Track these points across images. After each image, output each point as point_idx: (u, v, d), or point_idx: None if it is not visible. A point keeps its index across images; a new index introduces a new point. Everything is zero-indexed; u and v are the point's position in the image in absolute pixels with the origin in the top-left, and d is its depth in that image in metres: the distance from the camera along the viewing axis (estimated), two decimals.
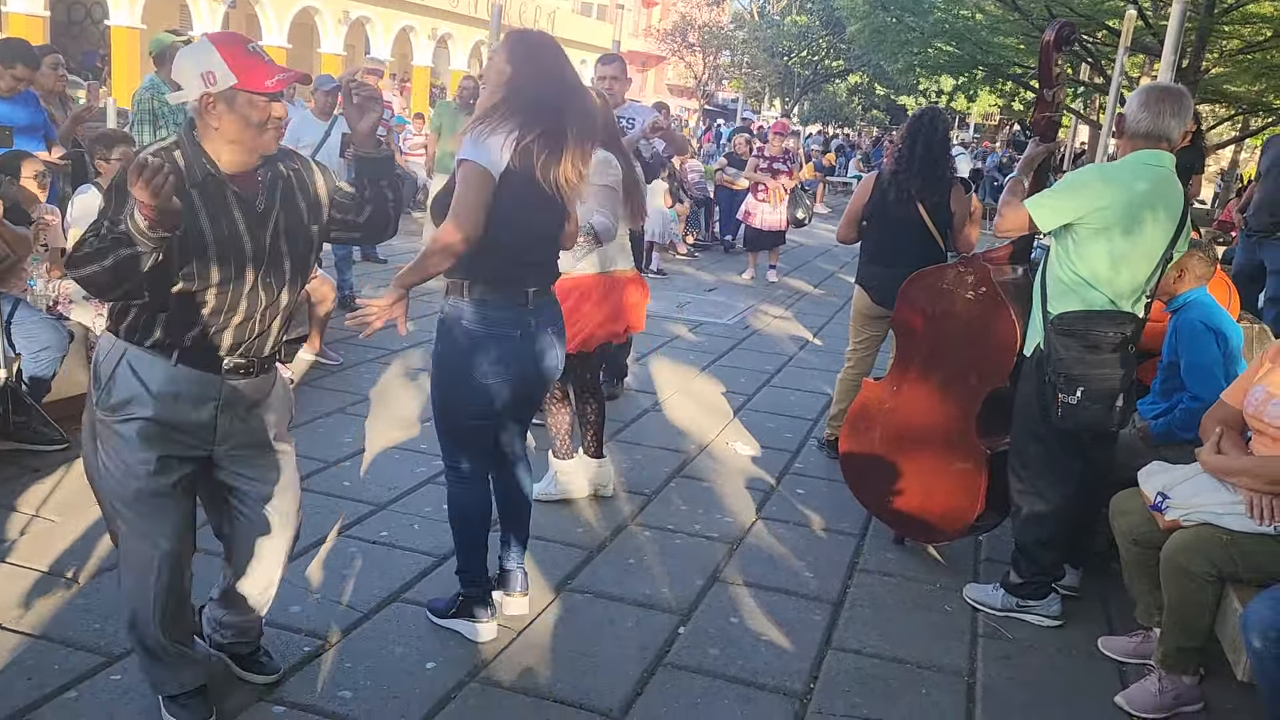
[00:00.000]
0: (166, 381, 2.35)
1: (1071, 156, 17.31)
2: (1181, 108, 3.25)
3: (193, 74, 2.25)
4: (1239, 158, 24.79)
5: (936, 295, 3.85)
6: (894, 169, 4.77)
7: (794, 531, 4.19)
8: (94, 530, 3.61)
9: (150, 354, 2.34)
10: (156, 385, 2.35)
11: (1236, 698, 3.09)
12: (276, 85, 2.27)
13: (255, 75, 2.26)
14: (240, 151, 2.32)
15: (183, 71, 2.27)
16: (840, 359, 5.36)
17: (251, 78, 2.26)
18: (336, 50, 27.13)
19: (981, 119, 39.36)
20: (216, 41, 2.27)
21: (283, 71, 2.29)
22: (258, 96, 2.27)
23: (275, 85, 2.27)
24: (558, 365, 3.10)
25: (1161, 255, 3.30)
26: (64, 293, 4.61)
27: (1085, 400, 3.28)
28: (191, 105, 2.28)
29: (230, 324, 2.38)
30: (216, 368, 2.41)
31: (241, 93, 2.25)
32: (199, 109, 2.27)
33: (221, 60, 2.24)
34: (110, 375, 2.35)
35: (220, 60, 2.24)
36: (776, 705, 2.94)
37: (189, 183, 2.28)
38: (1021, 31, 17.03)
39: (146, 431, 2.35)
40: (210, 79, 2.23)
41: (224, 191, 2.33)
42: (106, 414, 2.37)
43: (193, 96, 2.26)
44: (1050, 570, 3.54)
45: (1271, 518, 2.85)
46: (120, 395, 2.34)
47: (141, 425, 2.35)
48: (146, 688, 2.67)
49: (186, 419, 2.39)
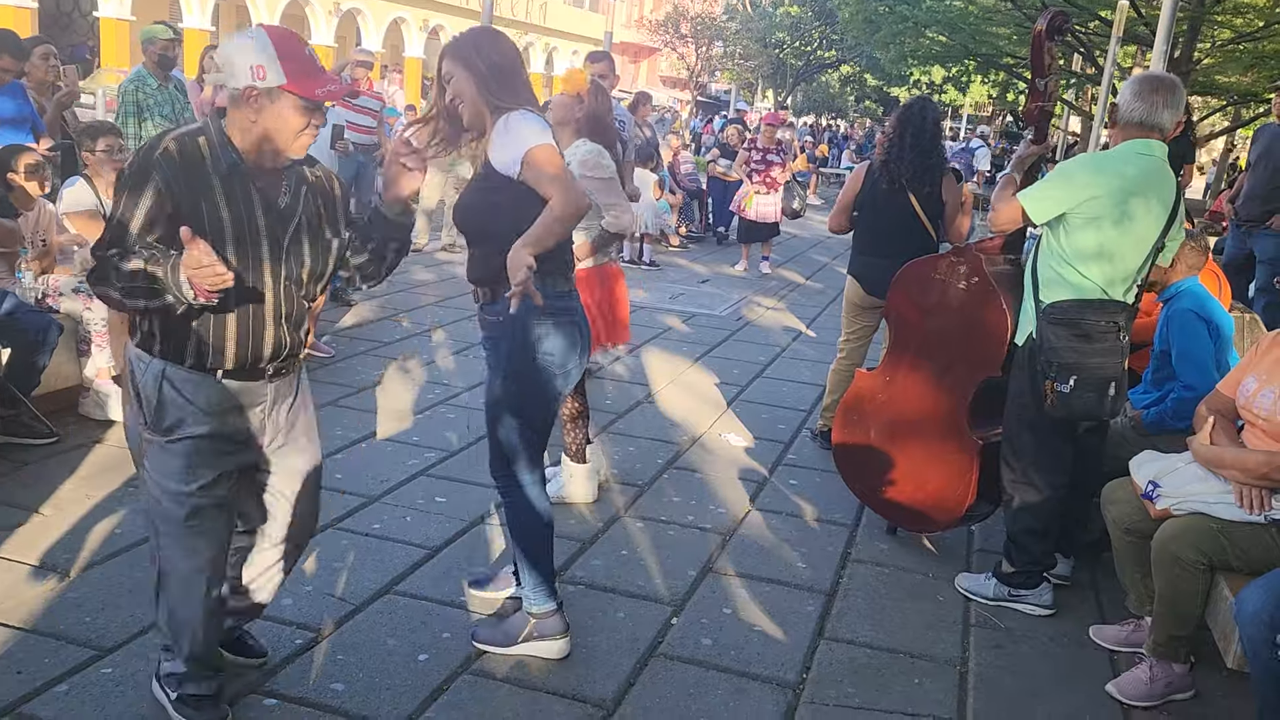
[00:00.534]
0: (214, 397, 2.32)
1: (1064, 147, 17.32)
2: (1174, 98, 3.25)
3: (241, 64, 2.18)
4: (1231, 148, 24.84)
5: (929, 285, 3.85)
6: (884, 159, 4.77)
7: (787, 522, 4.19)
8: (84, 524, 3.60)
9: (192, 373, 2.30)
10: (205, 402, 2.31)
11: (1227, 685, 3.11)
12: (324, 96, 2.22)
13: (305, 81, 2.21)
14: (270, 150, 2.27)
15: (230, 58, 2.21)
16: (833, 350, 5.36)
17: (301, 83, 2.20)
18: (327, 42, 27.03)
19: (974, 109, 39.37)
20: (273, 37, 2.21)
21: (332, 82, 2.24)
22: (302, 101, 2.22)
23: (322, 96, 2.22)
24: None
25: (1153, 245, 3.31)
26: (53, 286, 4.59)
27: (1078, 389, 3.28)
28: (229, 92, 2.22)
29: (263, 328, 2.34)
30: (259, 375, 2.37)
31: (287, 94, 2.20)
32: (238, 99, 2.21)
33: (275, 58, 2.18)
34: (156, 398, 2.30)
35: (274, 57, 2.18)
36: (769, 695, 2.94)
37: (213, 171, 2.23)
38: (1014, 22, 17.04)
39: (200, 449, 2.32)
40: (259, 73, 2.17)
41: (248, 185, 2.28)
42: (157, 435, 2.32)
43: (235, 85, 2.20)
44: (1042, 559, 3.55)
45: (1261, 507, 2.86)
46: (171, 417, 2.30)
47: (194, 444, 2.32)
48: (142, 679, 2.68)
49: (238, 428, 2.38)
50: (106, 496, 3.84)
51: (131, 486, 3.94)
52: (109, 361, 4.65)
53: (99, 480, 3.98)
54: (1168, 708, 3.02)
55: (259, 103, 2.20)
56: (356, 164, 8.16)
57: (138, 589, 3.18)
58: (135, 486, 3.95)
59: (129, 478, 4.02)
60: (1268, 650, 2.55)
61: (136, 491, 3.90)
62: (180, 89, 6.61)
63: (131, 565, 3.33)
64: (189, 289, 2.09)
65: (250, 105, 2.20)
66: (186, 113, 6.53)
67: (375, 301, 7.33)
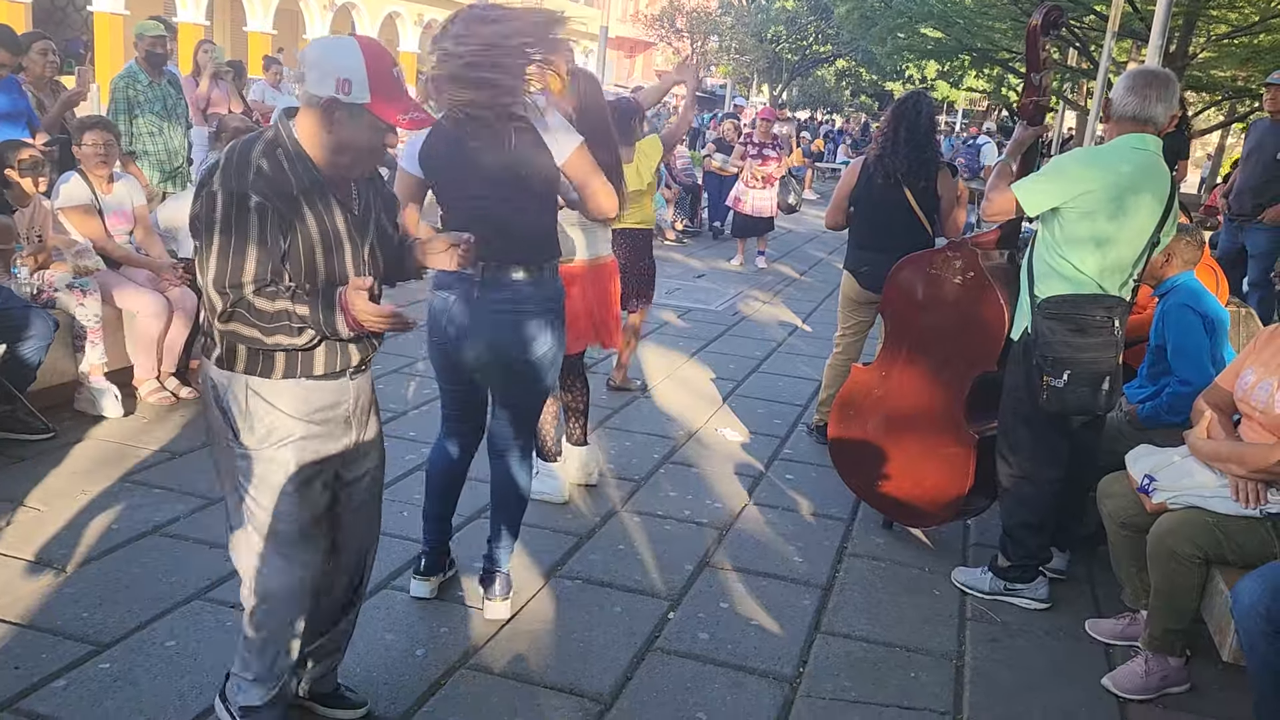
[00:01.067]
0: (303, 402, 2.27)
1: (1059, 142, 17.34)
2: (1168, 91, 3.25)
3: (328, 73, 2.11)
4: (1225, 143, 24.87)
5: (924, 280, 3.86)
6: (879, 154, 4.77)
7: (783, 517, 4.20)
8: (80, 519, 3.59)
9: (279, 381, 2.24)
10: (293, 407, 2.27)
11: (1222, 678, 3.12)
12: (407, 124, 2.17)
13: (390, 104, 2.15)
14: (340, 163, 2.22)
15: (317, 65, 2.14)
16: (829, 345, 5.36)
17: (386, 105, 2.14)
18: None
19: (969, 104, 39.36)
20: (366, 53, 2.13)
21: (416, 110, 2.19)
22: (382, 123, 2.17)
23: (406, 123, 2.17)
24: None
25: (1148, 239, 3.31)
26: (48, 282, 4.58)
27: (1072, 383, 3.29)
28: (306, 95, 2.15)
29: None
30: (339, 375, 2.33)
31: (369, 113, 2.14)
32: (316, 107, 2.14)
33: (364, 74, 2.11)
34: (244, 410, 2.24)
35: (363, 73, 2.11)
36: (766, 689, 2.95)
37: (296, 188, 2.16)
38: (1010, 16, 17.03)
39: (299, 453, 2.28)
40: (345, 87, 2.11)
41: (328, 197, 2.23)
42: (254, 446, 2.26)
43: (319, 93, 2.13)
44: (1038, 553, 3.56)
45: (1257, 501, 2.87)
46: (264, 426, 2.25)
47: (294, 448, 2.27)
48: (139, 674, 2.68)
49: (328, 430, 2.34)
50: (102, 492, 3.83)
51: (128, 482, 3.94)
52: (103, 358, 4.64)
53: (95, 475, 3.97)
54: (1163, 701, 3.03)
55: (338, 116, 2.13)
56: None
57: (135, 584, 3.18)
58: (131, 482, 3.95)
59: (124, 473, 4.02)
60: (1264, 643, 2.56)
61: (133, 487, 3.90)
62: (174, 84, 6.59)
63: (128, 561, 3.33)
64: (344, 327, 2.10)
65: (328, 117, 2.14)
66: (179, 109, 6.51)
67: None
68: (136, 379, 4.85)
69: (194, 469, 4.12)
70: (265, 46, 24.63)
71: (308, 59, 2.17)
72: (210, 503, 3.80)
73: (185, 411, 4.78)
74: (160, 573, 3.27)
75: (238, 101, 8.05)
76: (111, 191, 4.94)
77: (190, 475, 4.05)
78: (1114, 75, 10.54)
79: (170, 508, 3.74)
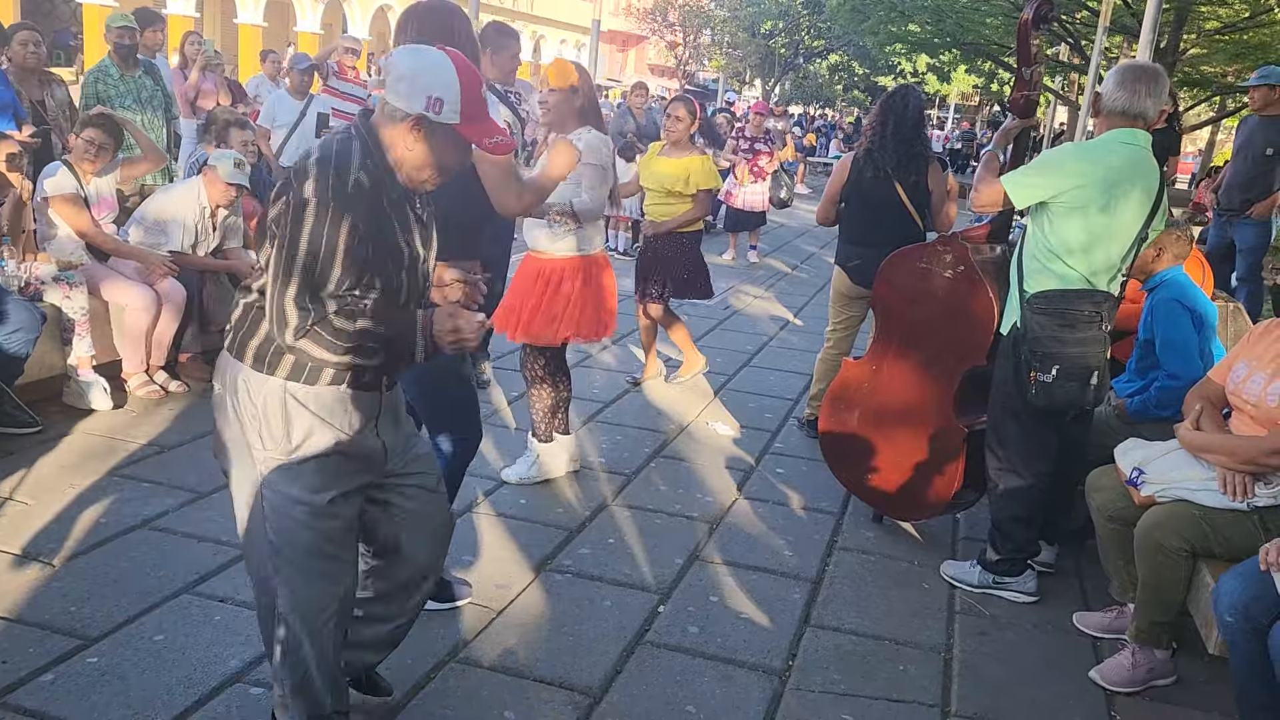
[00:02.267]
0: (341, 410, 2.19)
1: (1050, 137, 17.38)
2: (1157, 86, 3.26)
3: (420, 89, 2.06)
4: (1215, 139, 24.95)
5: (915, 274, 3.86)
6: (868, 148, 4.77)
7: (773, 510, 4.20)
8: (68, 513, 3.58)
9: (320, 390, 2.15)
10: (334, 417, 2.18)
11: (1208, 671, 3.14)
12: (492, 148, 2.14)
13: (479, 127, 2.11)
14: (417, 178, 2.16)
15: (409, 79, 2.07)
16: (820, 339, 5.37)
17: (475, 128, 2.10)
18: (313, 29, 26.87)
19: (960, 99, 39.42)
20: (460, 74, 2.08)
21: (499, 134, 2.15)
22: (465, 144, 2.14)
23: (490, 147, 2.13)
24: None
25: (1137, 234, 3.32)
26: (36, 274, 4.55)
27: (1060, 378, 3.30)
28: (390, 108, 2.08)
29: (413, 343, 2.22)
30: (378, 386, 2.25)
31: (455, 134, 2.10)
32: (402, 121, 2.08)
33: (458, 95, 2.07)
34: (282, 416, 2.14)
35: (456, 94, 2.06)
36: (755, 682, 2.96)
37: (386, 202, 2.10)
38: (1001, 11, 17.06)
39: (329, 460, 2.19)
40: (436, 106, 2.05)
41: (408, 213, 2.17)
42: (283, 454, 2.16)
43: (408, 108, 2.06)
44: (1027, 547, 3.57)
45: (1244, 494, 2.88)
46: (301, 431, 2.15)
47: (322, 460, 2.17)
48: (127, 669, 2.67)
49: (362, 444, 2.24)
50: (90, 485, 3.82)
51: (116, 476, 3.93)
52: (90, 350, 4.62)
53: (83, 469, 3.96)
54: (1150, 693, 3.05)
55: (422, 132, 2.08)
56: None
57: (123, 578, 3.17)
58: (119, 476, 3.93)
59: (113, 467, 4.00)
60: (1244, 639, 2.58)
61: (121, 481, 3.89)
62: (152, 74, 6.52)
63: (116, 555, 3.32)
64: (422, 351, 2.08)
65: (414, 134, 2.08)
66: (155, 99, 6.42)
67: None
68: (125, 372, 4.83)
69: (183, 463, 4.11)
70: (255, 39, 24.56)
71: (398, 69, 2.10)
72: (199, 497, 3.79)
73: (174, 405, 4.76)
74: (148, 567, 3.26)
75: (226, 94, 8.01)
76: (91, 181, 4.92)
77: (179, 469, 4.03)
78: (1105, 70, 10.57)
79: (159, 502, 3.73)
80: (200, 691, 2.66)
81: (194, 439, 4.36)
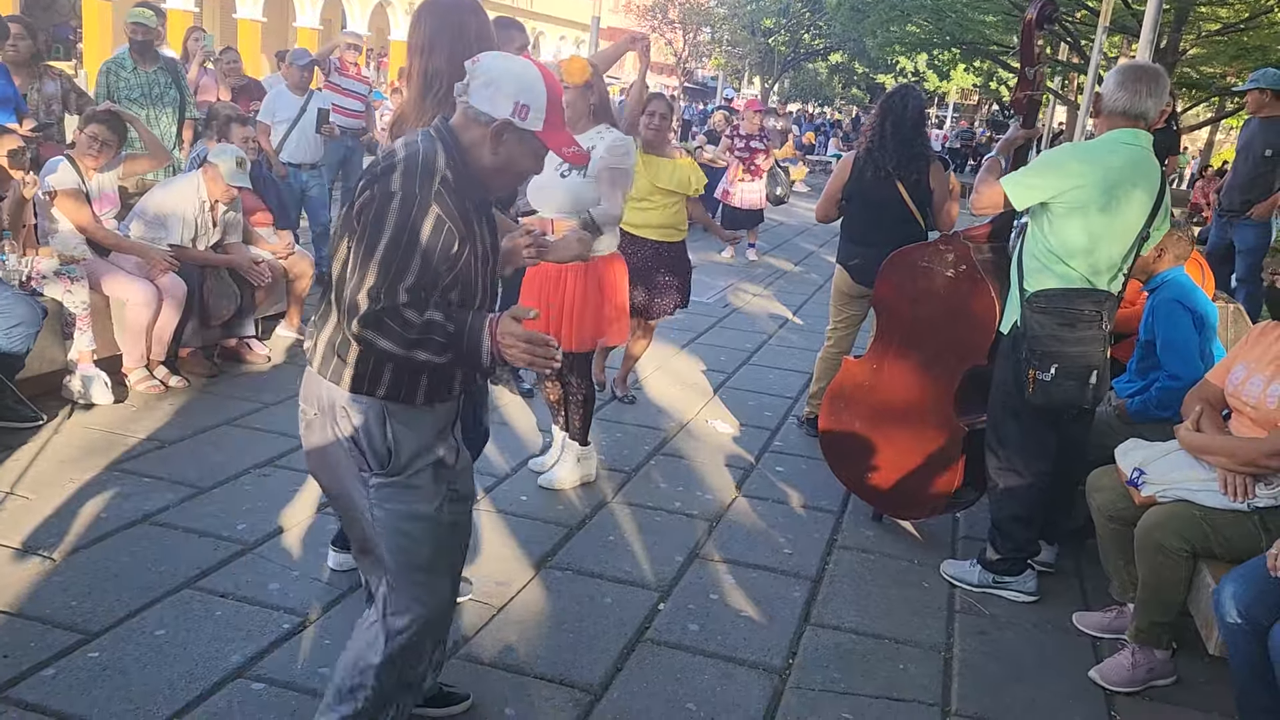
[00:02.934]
0: (434, 423, 2.23)
1: (1050, 136, 17.38)
2: (1158, 86, 3.26)
3: (508, 95, 2.07)
4: (1214, 139, 24.98)
5: (916, 273, 3.86)
6: (868, 148, 4.77)
7: (773, 509, 4.21)
8: (68, 507, 3.58)
9: (413, 409, 2.17)
10: (432, 431, 2.22)
11: (1208, 671, 3.14)
12: (571, 156, 2.17)
13: (559, 134, 2.15)
14: (495, 183, 2.19)
15: (495, 84, 2.08)
16: (819, 337, 5.37)
17: (556, 136, 2.14)
18: (313, 24, 26.82)
19: (960, 98, 39.42)
20: (547, 81, 2.12)
21: (575, 145, 2.19)
22: (544, 150, 2.15)
23: (570, 156, 2.17)
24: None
25: (1138, 234, 3.32)
26: (37, 269, 4.55)
27: (1059, 377, 3.30)
28: (474, 112, 2.09)
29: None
30: (453, 396, 2.28)
31: (536, 140, 2.12)
32: (486, 125, 2.08)
33: (544, 103, 2.10)
34: (387, 438, 2.15)
35: (543, 101, 2.09)
36: (755, 680, 2.96)
37: (471, 206, 2.11)
38: (1000, 10, 17.07)
39: (436, 475, 2.24)
40: (522, 112, 2.08)
41: (484, 215, 2.18)
42: (397, 474, 2.18)
43: (492, 113, 2.07)
44: (1026, 547, 3.58)
45: (1244, 494, 2.89)
46: (408, 452, 2.18)
47: (431, 470, 2.22)
48: (129, 663, 2.68)
49: (449, 450, 2.29)
50: (91, 480, 3.82)
51: (117, 471, 3.93)
52: (91, 344, 4.62)
53: (83, 464, 3.96)
54: (1149, 693, 3.06)
55: (506, 138, 2.10)
56: (344, 148, 8.10)
57: (124, 573, 3.17)
58: (120, 471, 3.93)
59: (113, 461, 4.00)
60: (1244, 641, 2.58)
61: (122, 476, 3.88)
62: (171, 70, 6.50)
63: (117, 550, 3.32)
64: (487, 355, 2.06)
65: (497, 140, 2.09)
66: (167, 96, 6.41)
67: None
68: (126, 367, 4.83)
69: (184, 458, 4.10)
70: (255, 34, 24.52)
71: (486, 74, 2.10)
72: (200, 492, 3.79)
73: (175, 400, 4.76)
74: (149, 561, 3.26)
75: (226, 89, 7.99)
76: (93, 177, 4.91)
77: (180, 464, 4.03)
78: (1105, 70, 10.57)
79: (160, 496, 3.73)
80: (202, 686, 2.66)
81: (194, 434, 4.36)
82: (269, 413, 4.72)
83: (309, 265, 5.92)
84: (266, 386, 5.09)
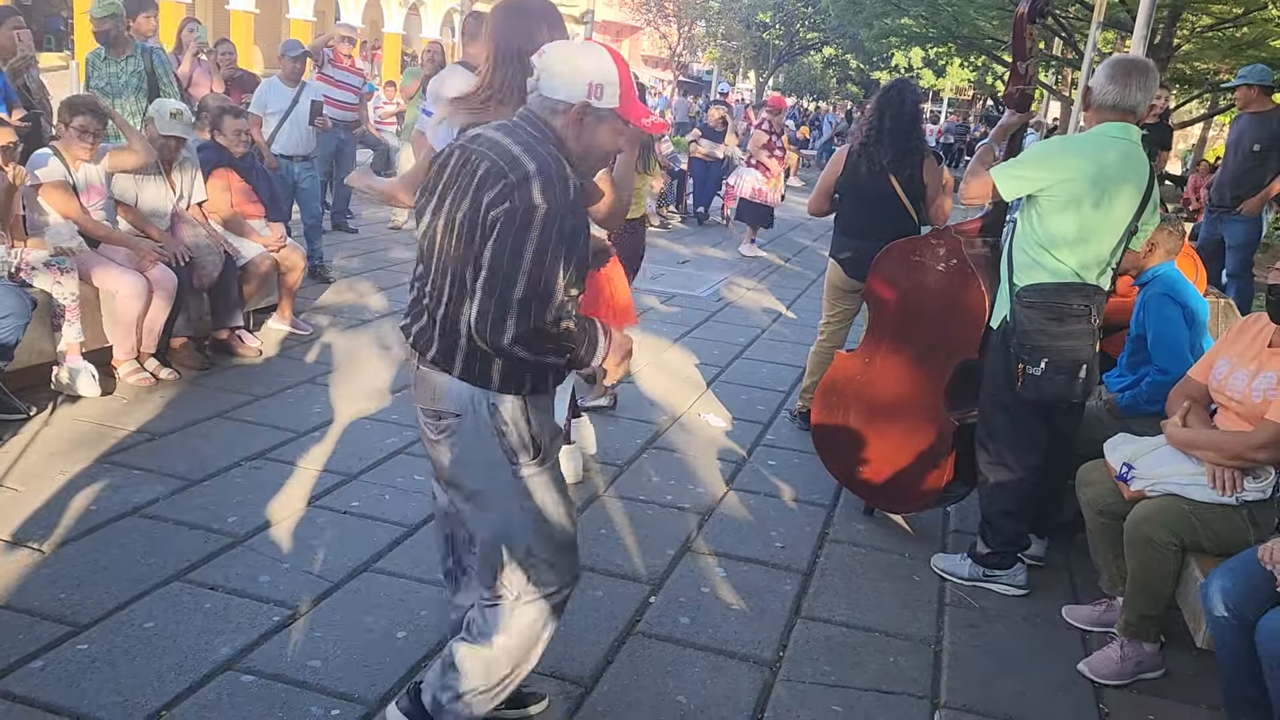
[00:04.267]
0: (549, 411, 2.28)
1: (1044, 132, 17.40)
2: (1148, 81, 3.26)
3: (581, 77, 2.09)
4: (1207, 135, 25.02)
5: (908, 268, 3.86)
6: (863, 142, 4.76)
7: (765, 502, 4.21)
8: (58, 500, 3.57)
9: (544, 397, 2.25)
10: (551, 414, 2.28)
11: (1196, 664, 3.15)
12: (651, 127, 2.20)
13: (636, 107, 2.16)
14: (582, 168, 2.19)
15: (565, 70, 2.09)
16: (812, 331, 5.37)
17: (633, 108, 2.16)
18: (306, 16, 26.71)
19: (954, 93, 39.44)
20: (616, 59, 2.14)
21: (650, 114, 2.22)
22: (624, 126, 2.17)
23: (650, 127, 2.20)
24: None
25: (1126, 228, 3.33)
26: (26, 260, 4.53)
27: (1049, 371, 3.31)
28: (549, 101, 2.10)
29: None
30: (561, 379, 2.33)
31: (616, 118, 2.14)
32: (564, 113, 2.10)
33: (617, 79, 2.11)
34: (532, 427, 2.20)
35: (615, 78, 2.11)
36: (746, 673, 2.96)
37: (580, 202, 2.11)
38: (995, 5, 17.07)
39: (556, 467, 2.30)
40: (598, 92, 2.09)
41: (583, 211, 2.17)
42: (541, 463, 2.24)
43: (569, 99, 2.09)
44: (1016, 540, 3.59)
45: (1233, 488, 2.90)
46: (544, 439, 2.24)
47: (554, 461, 2.29)
48: (118, 656, 2.67)
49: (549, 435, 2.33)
50: (80, 472, 3.81)
51: (106, 463, 3.91)
52: (80, 336, 4.60)
53: (73, 456, 3.94)
54: (1138, 686, 3.07)
55: (586, 121, 2.12)
56: (336, 141, 8.07)
57: (113, 566, 3.17)
58: (109, 463, 3.92)
59: (103, 453, 3.99)
60: (1231, 635, 2.59)
61: (111, 468, 3.87)
62: (157, 59, 6.46)
63: (107, 542, 3.31)
64: (599, 359, 2.12)
65: (579, 124, 2.12)
66: (131, 85, 6.34)
67: (353, 279, 7.29)
68: (115, 359, 4.81)
69: (173, 450, 4.09)
70: (248, 25, 24.42)
71: (554, 63, 2.11)
72: (189, 484, 3.78)
73: (165, 392, 4.74)
74: (139, 554, 3.25)
75: (219, 81, 7.96)
76: (80, 168, 4.88)
77: (170, 457, 4.02)
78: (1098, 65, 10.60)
79: (149, 489, 3.72)
80: (191, 679, 2.65)
81: (184, 426, 4.35)
82: (260, 405, 4.71)
83: (301, 258, 5.90)
84: (257, 379, 5.07)
